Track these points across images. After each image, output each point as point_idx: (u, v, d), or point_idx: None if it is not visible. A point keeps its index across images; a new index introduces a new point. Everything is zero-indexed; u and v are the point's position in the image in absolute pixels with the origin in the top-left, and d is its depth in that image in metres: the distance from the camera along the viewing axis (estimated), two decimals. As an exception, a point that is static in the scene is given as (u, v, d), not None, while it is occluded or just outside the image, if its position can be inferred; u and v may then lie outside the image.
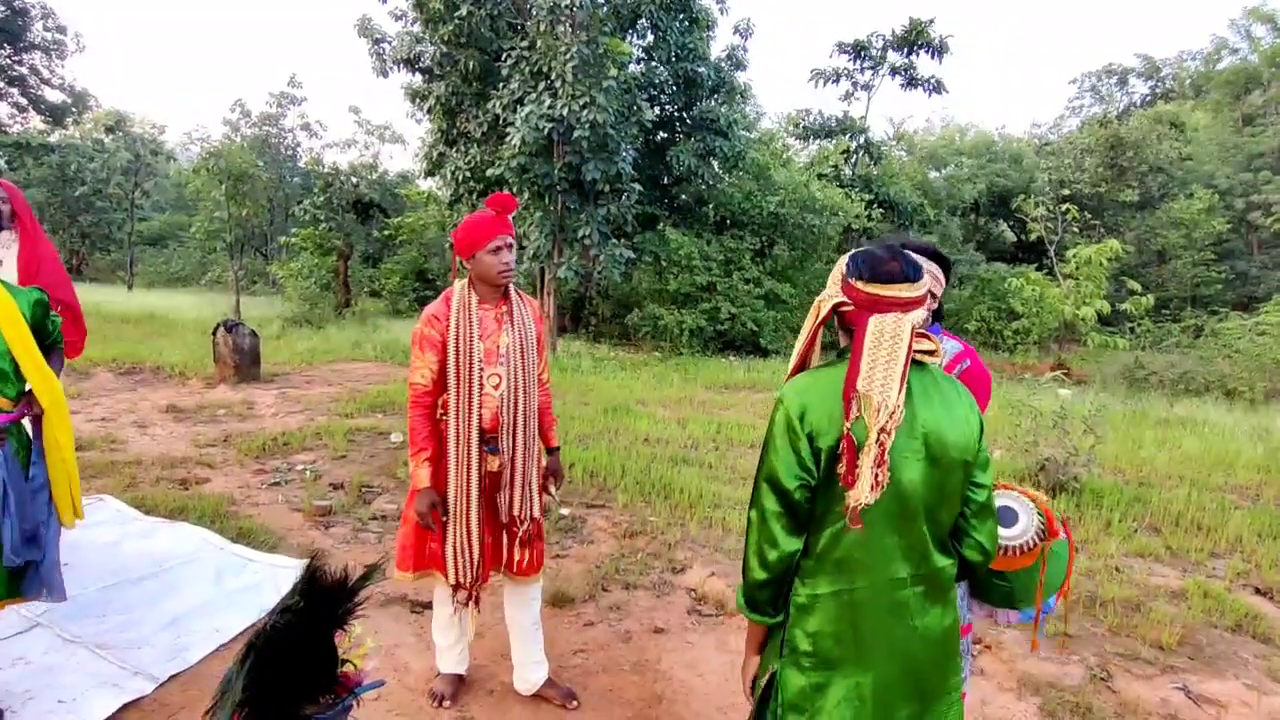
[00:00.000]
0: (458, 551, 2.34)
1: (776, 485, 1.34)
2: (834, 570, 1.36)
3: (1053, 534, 1.81)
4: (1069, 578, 1.88)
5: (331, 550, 3.76)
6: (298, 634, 1.09)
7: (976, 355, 1.95)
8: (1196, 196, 22.73)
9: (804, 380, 1.40)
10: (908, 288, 1.35)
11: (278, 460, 5.30)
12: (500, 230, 2.31)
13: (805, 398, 1.35)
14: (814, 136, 19.14)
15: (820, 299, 1.43)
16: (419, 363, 2.33)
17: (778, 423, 1.37)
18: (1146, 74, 35.69)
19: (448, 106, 12.76)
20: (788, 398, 1.38)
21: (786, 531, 1.35)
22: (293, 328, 13.68)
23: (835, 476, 1.32)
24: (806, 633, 1.37)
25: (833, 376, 1.37)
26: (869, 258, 1.39)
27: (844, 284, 1.39)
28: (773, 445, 1.36)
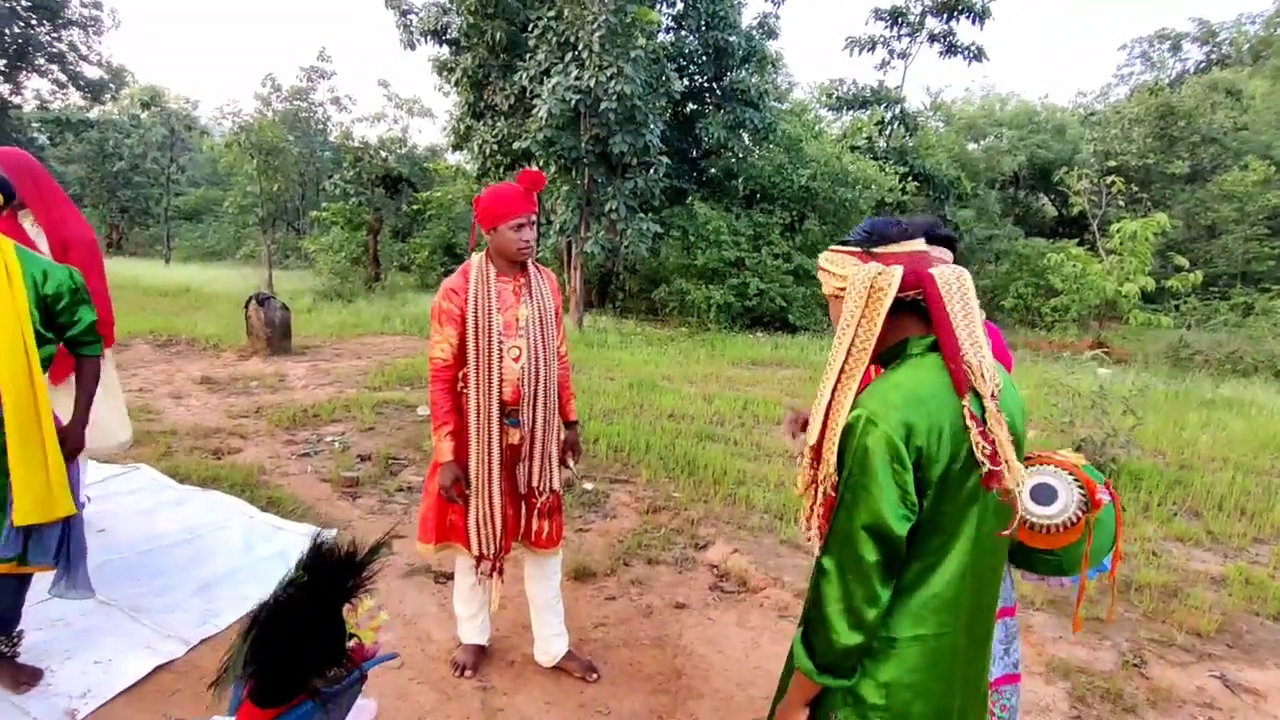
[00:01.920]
0: (480, 523, 2.34)
1: (883, 533, 1.08)
2: (921, 610, 1.15)
3: (1095, 505, 1.73)
4: (1119, 539, 1.80)
5: (358, 520, 3.82)
6: (302, 608, 1.08)
7: (999, 334, 1.83)
8: (1251, 168, 21.70)
9: (889, 392, 1.13)
10: (921, 243, 1.21)
11: (307, 431, 5.39)
12: (526, 207, 2.27)
13: (905, 414, 1.09)
14: (847, 107, 18.65)
15: (861, 281, 1.16)
16: (438, 337, 2.31)
17: (874, 452, 1.09)
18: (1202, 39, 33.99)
19: (475, 79, 12.67)
20: (882, 418, 1.09)
21: (885, 584, 1.11)
22: (323, 301, 13.87)
23: (943, 505, 1.13)
24: (879, 683, 1.16)
25: (920, 376, 1.14)
26: (871, 226, 1.23)
27: (867, 257, 1.20)
28: (872, 482, 1.09)
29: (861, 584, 1.10)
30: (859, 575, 1.10)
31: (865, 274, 1.17)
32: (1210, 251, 21.83)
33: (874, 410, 1.12)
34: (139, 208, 27.32)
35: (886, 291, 1.15)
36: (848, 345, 1.18)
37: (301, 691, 1.06)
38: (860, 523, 1.10)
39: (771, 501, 4.29)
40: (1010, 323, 17.05)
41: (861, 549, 1.10)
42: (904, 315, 1.20)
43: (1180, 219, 20.78)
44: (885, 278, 1.15)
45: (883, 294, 1.15)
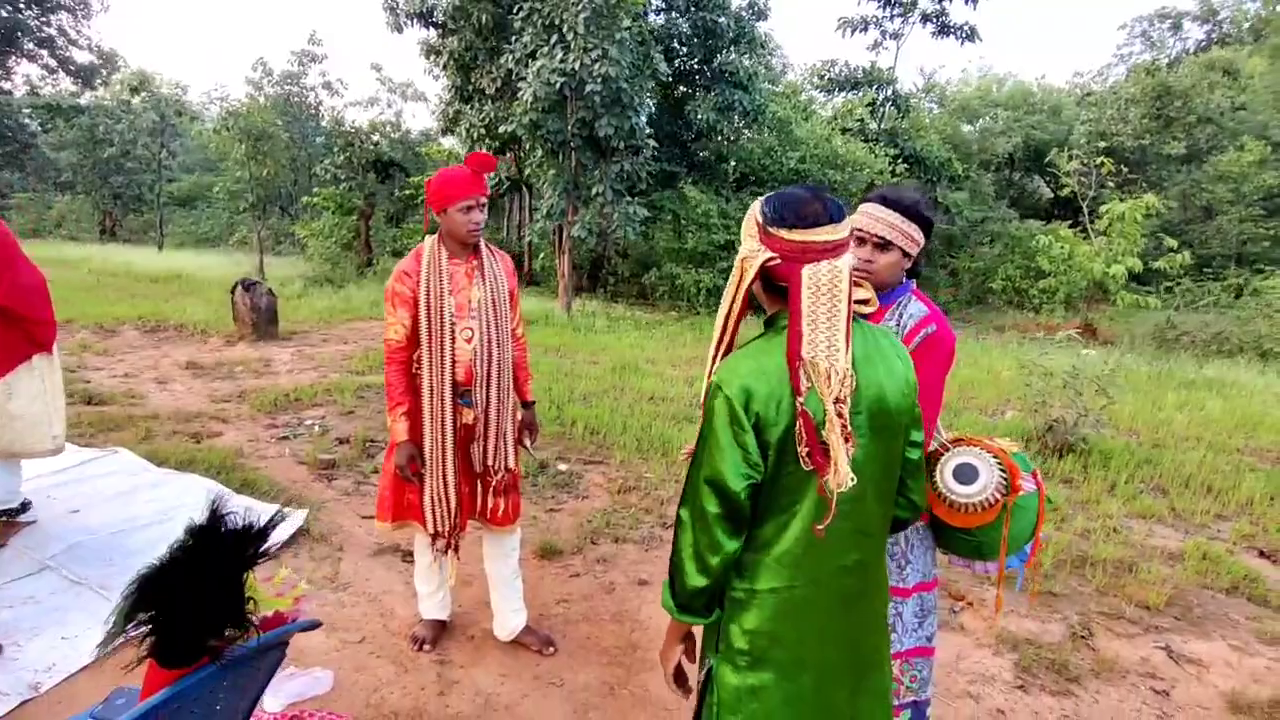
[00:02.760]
0: (435, 501, 2.39)
1: (720, 487, 1.18)
2: (775, 565, 1.23)
3: (1015, 489, 1.77)
4: (1039, 529, 1.84)
5: (331, 502, 3.88)
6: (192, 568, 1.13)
7: (944, 321, 1.82)
8: (1248, 149, 21.60)
9: (740, 361, 1.22)
10: (832, 229, 1.20)
11: (288, 415, 5.44)
12: (474, 190, 2.30)
13: (747, 381, 1.18)
14: (839, 89, 18.55)
15: (741, 258, 1.25)
16: (392, 319, 2.35)
17: (718, 413, 1.18)
18: (1203, 17, 33.74)
19: (461, 62, 12.61)
20: (726, 383, 1.19)
21: (728, 534, 1.20)
22: (314, 287, 13.88)
23: (786, 467, 1.19)
24: (743, 630, 1.25)
25: (771, 350, 1.21)
26: (788, 200, 1.23)
27: (763, 234, 1.22)
28: (714, 441, 1.19)
29: (705, 533, 1.20)
30: (703, 525, 1.21)
31: (742, 252, 1.25)
32: (1205, 233, 21.78)
33: (721, 378, 1.21)
34: (132, 194, 27.23)
35: (746, 276, 1.23)
36: (723, 314, 1.30)
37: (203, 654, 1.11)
38: (704, 476, 1.20)
39: (742, 481, 4.34)
40: (998, 304, 17.08)
41: (705, 501, 1.20)
42: (780, 294, 1.25)
43: (1176, 200, 20.71)
44: (750, 263, 1.23)
45: (743, 278, 1.24)
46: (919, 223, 1.71)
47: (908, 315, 1.76)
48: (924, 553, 1.80)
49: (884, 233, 1.67)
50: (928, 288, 19.46)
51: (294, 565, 3.14)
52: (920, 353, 1.70)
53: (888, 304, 1.77)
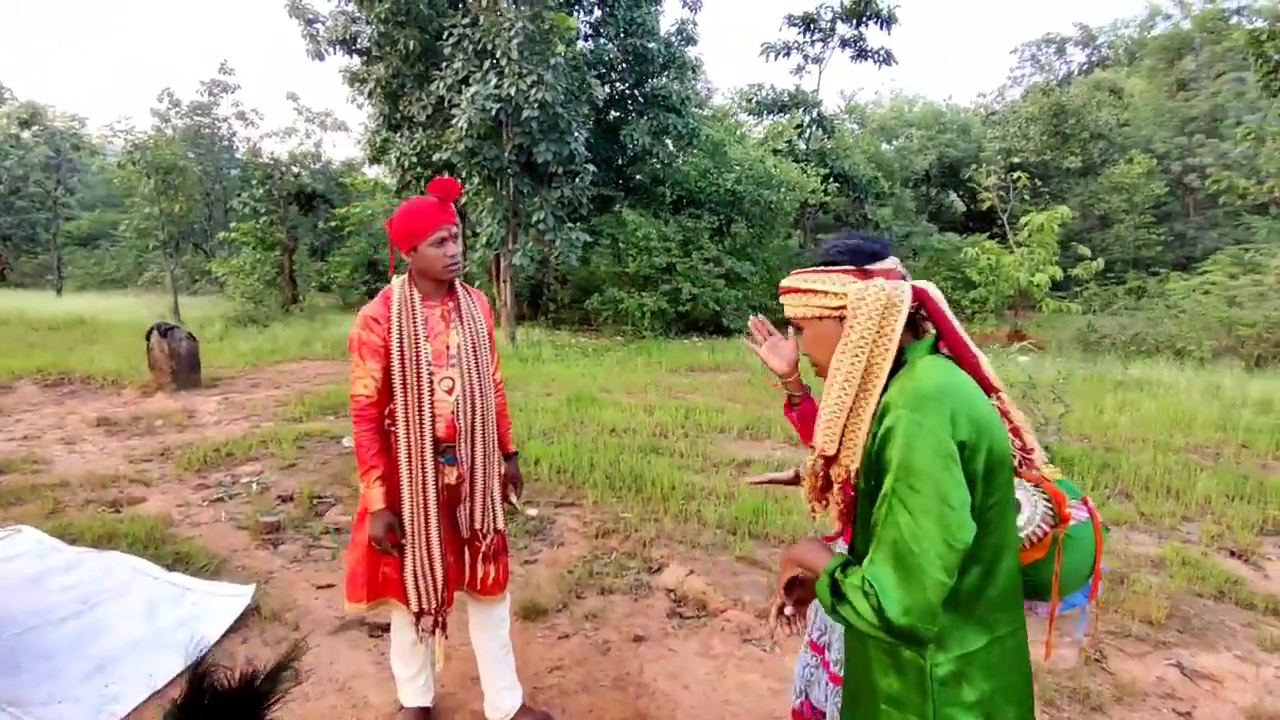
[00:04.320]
0: (418, 575, 2.11)
1: (950, 543, 1.00)
2: (988, 614, 1.11)
3: (1064, 518, 1.66)
4: (1098, 561, 1.73)
5: (280, 571, 3.48)
6: None
7: None
8: (1136, 161, 23.33)
9: (922, 389, 1.08)
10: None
11: (220, 473, 4.95)
12: (444, 219, 2.06)
13: (945, 406, 1.05)
14: (766, 111, 18.99)
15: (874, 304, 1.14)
16: (359, 371, 2.07)
17: (924, 451, 1.02)
18: (1083, 42, 36.53)
19: (389, 89, 12.20)
20: (926, 412, 1.04)
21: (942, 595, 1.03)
22: (236, 327, 13.06)
23: (992, 495, 1.09)
24: (968, 705, 1.10)
25: (941, 373, 1.12)
26: (858, 245, 1.23)
27: (860, 273, 1.20)
28: (927, 483, 1.01)
29: (920, 592, 1.01)
30: (919, 589, 1.01)
31: (877, 291, 1.16)
32: (1105, 240, 23.30)
33: (913, 407, 1.06)
34: (24, 234, 25.22)
35: (901, 307, 1.15)
36: (864, 362, 1.16)
37: None
38: (924, 532, 1.01)
39: (724, 515, 4.17)
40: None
41: (923, 559, 1.01)
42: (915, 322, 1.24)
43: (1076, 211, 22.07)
44: (900, 293, 1.16)
45: (897, 310, 1.15)
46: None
47: None
48: None
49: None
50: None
51: (246, 653, 2.76)
52: None
53: None
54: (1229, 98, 25.33)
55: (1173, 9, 32.03)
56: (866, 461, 1.16)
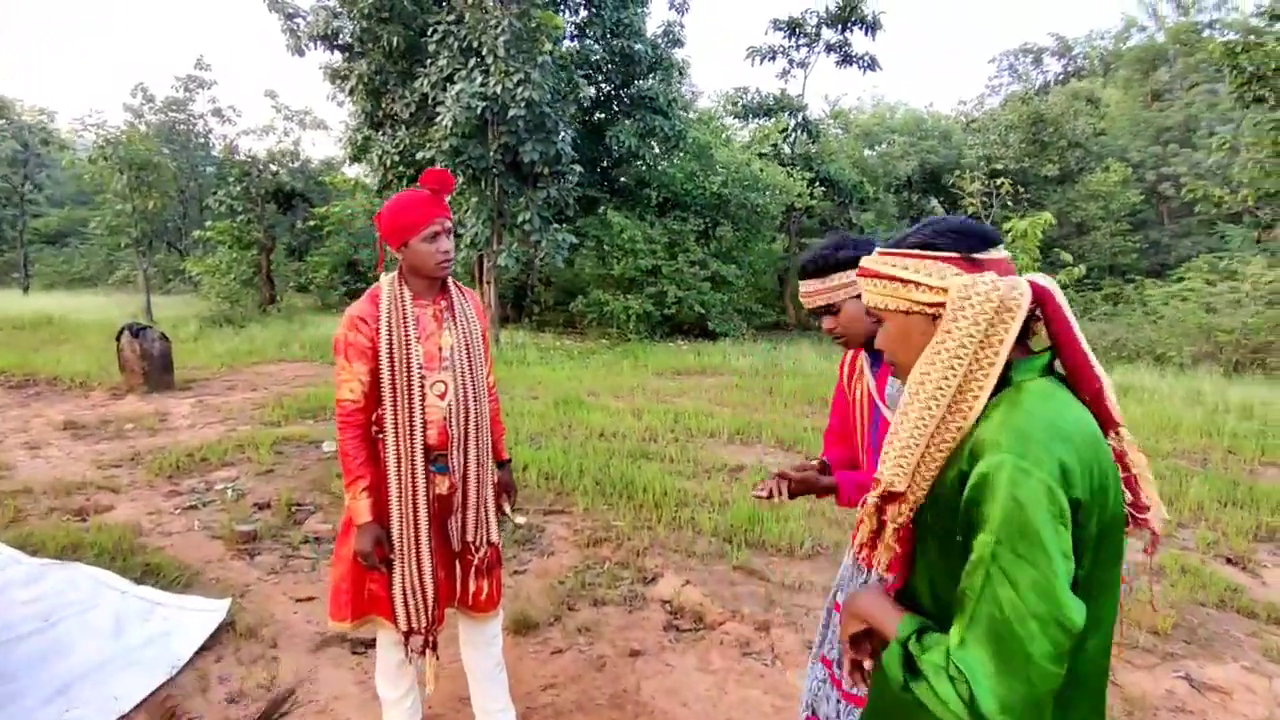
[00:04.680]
0: (408, 592, 1.98)
1: (1059, 621, 0.83)
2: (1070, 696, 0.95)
3: None
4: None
5: (256, 584, 3.32)
6: None
7: None
8: (1112, 170, 23.71)
9: (1031, 426, 0.89)
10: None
11: (194, 479, 4.76)
12: (437, 212, 1.94)
13: (1059, 454, 0.87)
14: (752, 115, 19.00)
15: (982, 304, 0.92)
16: (346, 375, 1.94)
17: (1034, 509, 0.84)
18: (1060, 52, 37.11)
19: (371, 86, 11.99)
20: (1035, 460, 0.86)
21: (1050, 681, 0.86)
22: (212, 328, 12.74)
23: (1102, 553, 0.92)
24: None
25: (1056, 405, 0.93)
26: (965, 227, 1.00)
27: (967, 263, 0.97)
28: (1036, 551, 0.84)
29: (1024, 685, 0.84)
30: (1021, 678, 0.84)
31: (988, 287, 0.93)
32: (1082, 246, 23.62)
33: (1020, 452, 0.86)
34: (-11, 231, 24.53)
35: (1016, 311, 0.93)
36: (960, 377, 0.94)
37: None
38: (1031, 609, 0.84)
39: (718, 523, 4.07)
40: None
41: (1029, 645, 0.84)
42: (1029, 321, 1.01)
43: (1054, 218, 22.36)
44: (1016, 292, 0.93)
45: (1011, 314, 0.93)
46: (843, 267, 1.59)
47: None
48: None
49: (819, 301, 1.63)
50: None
51: (219, 673, 2.60)
52: None
53: None
54: (1202, 109, 25.86)
55: (1147, 21, 32.70)
56: (941, 501, 0.97)
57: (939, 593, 1.02)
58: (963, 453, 0.95)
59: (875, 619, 1.06)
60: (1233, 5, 29.45)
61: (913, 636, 0.96)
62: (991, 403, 0.96)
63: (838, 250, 1.59)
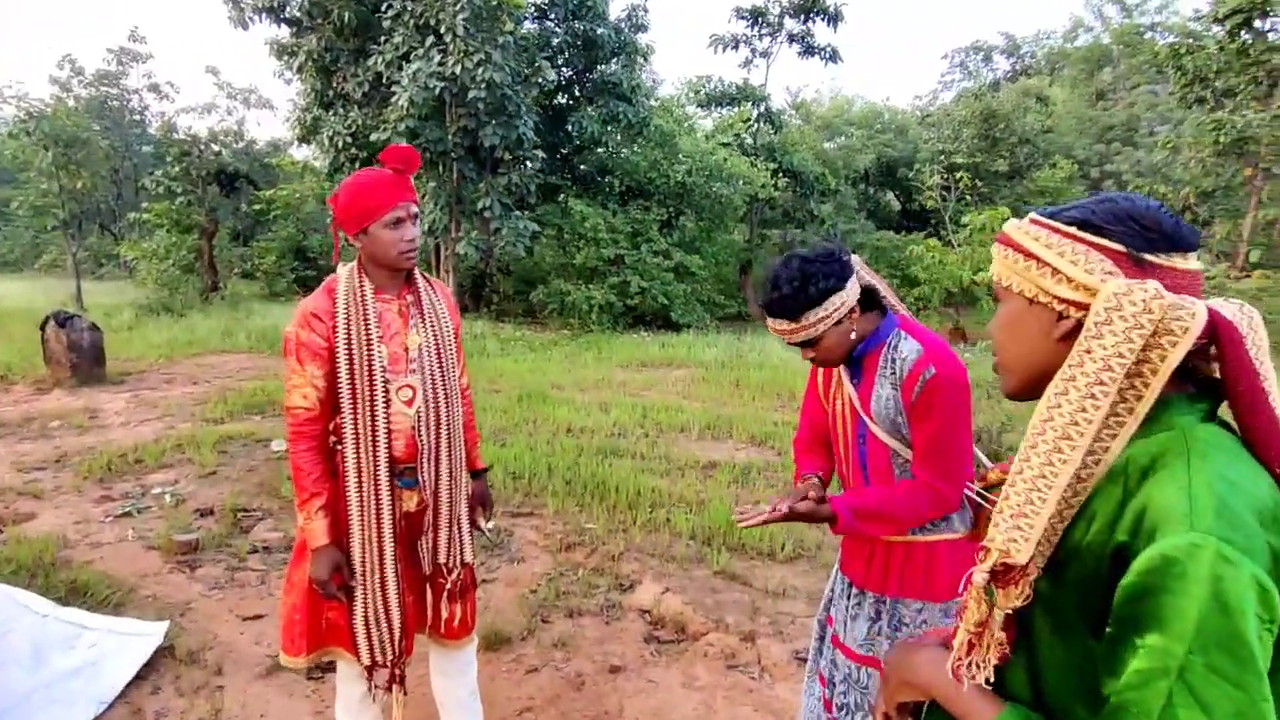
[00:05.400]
0: (372, 623, 1.76)
1: None
2: None
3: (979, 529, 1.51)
4: None
5: (199, 601, 3.03)
6: None
7: (944, 352, 1.48)
8: (1059, 166, 24.39)
9: (1230, 494, 0.68)
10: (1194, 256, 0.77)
11: (128, 483, 4.39)
12: (401, 195, 1.71)
13: (1266, 534, 0.67)
14: (715, 104, 18.84)
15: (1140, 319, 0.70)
16: (298, 379, 1.70)
17: (1243, 612, 0.63)
18: (1009, 51, 38.00)
19: (321, 64, 11.42)
20: (1244, 546, 0.65)
21: None
22: (149, 316, 12.04)
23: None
24: None
25: (1244, 468, 0.72)
26: (1151, 217, 0.75)
27: (1133, 266, 0.75)
28: (1245, 663, 0.63)
29: None
30: None
31: (1149, 298, 0.70)
32: (1030, 241, 24.27)
33: (1226, 536, 0.65)
34: (-103, 211, 22.84)
35: (1181, 337, 0.70)
36: (1106, 408, 0.72)
37: None
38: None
39: (696, 526, 3.92)
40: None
41: None
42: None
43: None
44: (1186, 314, 0.70)
45: (1175, 339, 0.71)
46: (817, 303, 1.44)
47: (900, 359, 1.49)
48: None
49: (796, 339, 1.50)
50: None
51: (156, 707, 2.33)
52: (924, 403, 1.45)
53: (875, 347, 1.53)
54: (1143, 109, 26.79)
55: (1094, 22, 33.68)
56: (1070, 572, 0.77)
57: (1043, 682, 0.82)
58: (1119, 516, 0.73)
59: (946, 697, 0.86)
60: (1174, 9, 30.55)
61: None
62: (1144, 448, 0.75)
63: (806, 287, 1.43)
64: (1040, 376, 0.83)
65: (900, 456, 1.56)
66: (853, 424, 1.61)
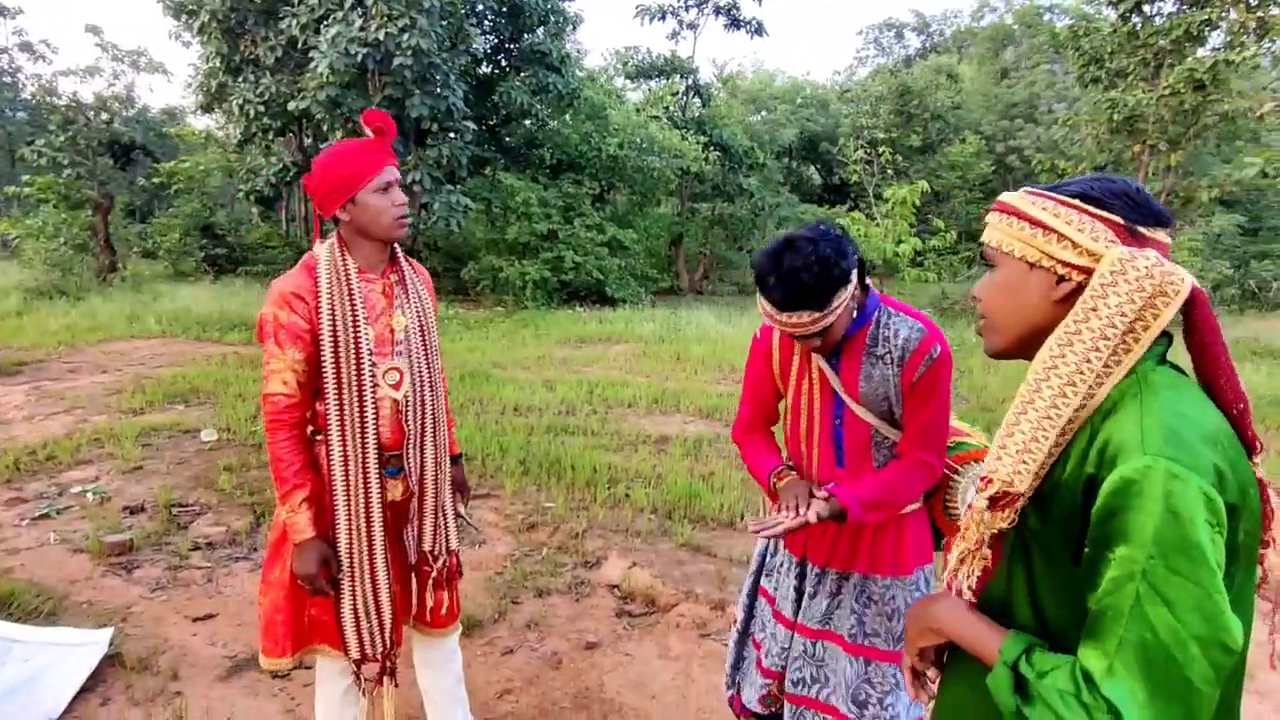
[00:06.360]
0: (361, 616, 1.70)
1: (1223, 643, 0.74)
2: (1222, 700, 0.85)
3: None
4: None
5: (140, 604, 2.84)
6: None
7: (941, 333, 1.52)
8: (968, 142, 25.51)
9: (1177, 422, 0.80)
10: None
11: (40, 482, 4.05)
12: (387, 159, 1.64)
13: (1211, 456, 0.78)
14: (643, 76, 18.69)
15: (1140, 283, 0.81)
16: (278, 363, 1.60)
17: (1194, 521, 0.74)
18: (919, 29, 39.28)
19: (226, 25, 10.61)
20: (1190, 464, 0.76)
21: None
22: (40, 300, 11.04)
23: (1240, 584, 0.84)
24: None
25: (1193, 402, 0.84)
26: (1138, 194, 0.87)
27: (1128, 235, 0.85)
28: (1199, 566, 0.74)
29: (1182, 712, 0.76)
30: (1179, 704, 0.75)
31: (1150, 265, 0.82)
32: (942, 213, 25.38)
33: (1174, 456, 0.76)
34: None
35: (1174, 299, 0.82)
36: (1104, 361, 0.84)
37: None
38: (1191, 632, 0.74)
39: (655, 499, 3.96)
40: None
41: (1189, 670, 0.74)
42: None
43: (923, 186, 23.87)
44: (1177, 280, 0.82)
45: (1168, 301, 0.82)
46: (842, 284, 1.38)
47: (900, 337, 1.48)
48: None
49: (819, 328, 1.40)
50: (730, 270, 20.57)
51: (111, 719, 2.19)
52: (928, 383, 1.48)
53: (863, 325, 1.49)
54: (1043, 87, 28.23)
55: (998, 2, 35.10)
56: (1054, 505, 0.88)
57: (1044, 609, 0.92)
58: (1087, 453, 0.85)
59: (961, 635, 0.96)
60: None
61: (1022, 657, 0.86)
62: (1109, 394, 0.87)
63: (830, 270, 1.35)
64: (1031, 335, 0.93)
65: (880, 435, 1.53)
66: (824, 404, 1.56)
